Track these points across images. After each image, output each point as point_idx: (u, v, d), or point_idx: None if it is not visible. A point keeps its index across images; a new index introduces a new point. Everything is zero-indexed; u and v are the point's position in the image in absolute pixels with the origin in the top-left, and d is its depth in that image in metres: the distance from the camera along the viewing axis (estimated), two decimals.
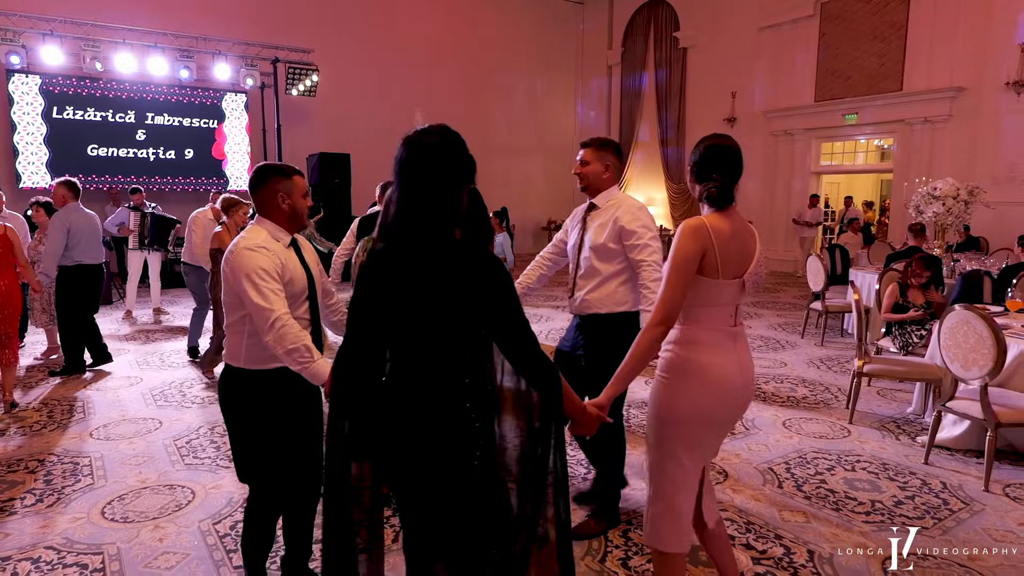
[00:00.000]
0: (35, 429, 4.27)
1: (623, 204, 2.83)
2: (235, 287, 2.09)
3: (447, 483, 1.59)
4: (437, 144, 1.60)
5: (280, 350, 2.04)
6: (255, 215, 2.29)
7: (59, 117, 10.15)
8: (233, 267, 2.09)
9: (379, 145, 12.51)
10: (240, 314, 2.14)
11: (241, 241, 2.14)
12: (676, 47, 14.82)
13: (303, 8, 12.01)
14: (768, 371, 5.71)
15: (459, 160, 1.62)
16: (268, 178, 2.21)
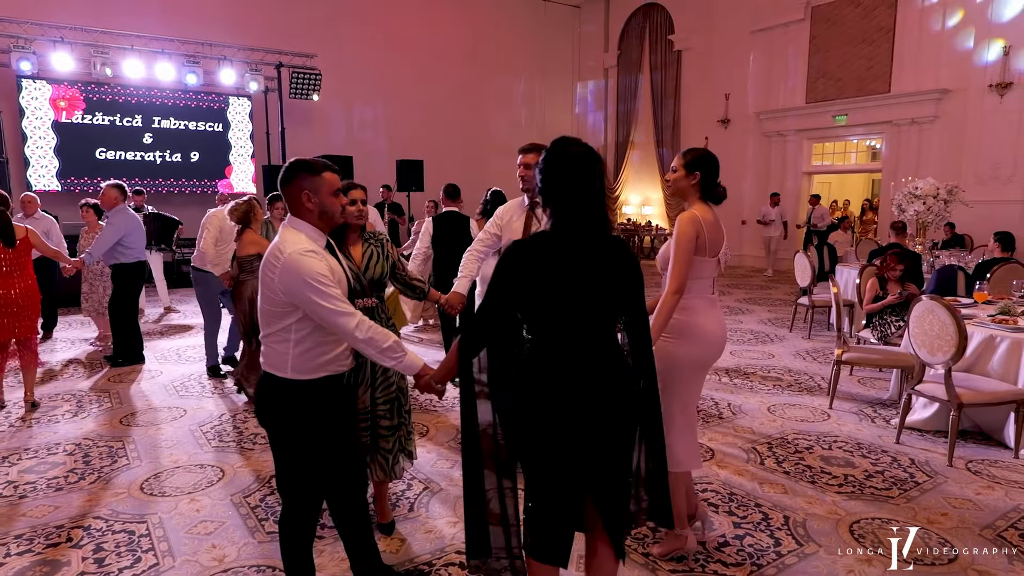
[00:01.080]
0: (66, 418, 4.56)
1: None
2: (293, 297, 2.00)
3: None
4: (585, 154, 1.90)
5: (374, 351, 2.05)
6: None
7: (68, 121, 10.41)
8: (289, 275, 1.97)
9: (381, 147, 12.86)
10: (285, 323, 2.05)
11: (287, 246, 2.00)
12: (671, 50, 15.14)
13: (306, 14, 12.29)
14: (756, 362, 6.01)
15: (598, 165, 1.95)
16: (296, 174, 2.09)
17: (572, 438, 1.86)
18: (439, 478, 3.56)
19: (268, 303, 2.07)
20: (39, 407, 4.79)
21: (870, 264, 5.79)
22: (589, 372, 1.87)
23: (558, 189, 1.87)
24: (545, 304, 1.85)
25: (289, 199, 2.12)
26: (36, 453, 3.92)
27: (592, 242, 1.87)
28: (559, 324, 1.86)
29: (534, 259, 1.85)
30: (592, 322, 1.87)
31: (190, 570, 2.69)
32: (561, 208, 1.86)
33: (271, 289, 2.03)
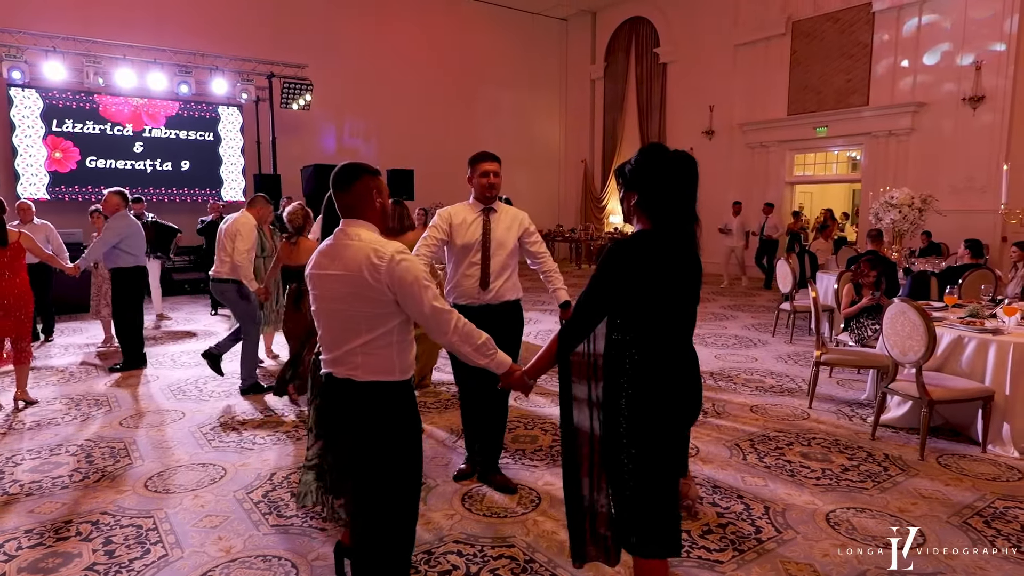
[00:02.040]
0: (66, 420, 4.64)
1: (511, 209, 3.48)
2: (403, 296, 1.97)
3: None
4: (685, 157, 2.04)
5: (468, 347, 2.07)
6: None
7: (59, 130, 10.46)
8: (398, 275, 1.95)
9: (371, 157, 12.98)
10: (390, 326, 2.01)
11: (386, 246, 1.98)
12: (656, 62, 15.45)
13: (298, 25, 12.44)
14: (740, 365, 6.20)
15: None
16: (361, 174, 2.08)
17: (682, 430, 2.05)
18: (435, 474, 3.69)
19: (369, 306, 1.98)
20: (35, 404, 4.94)
21: (847, 270, 6.01)
22: (686, 364, 2.04)
23: (661, 189, 1.98)
24: (656, 300, 1.97)
25: (353, 198, 2.06)
26: (39, 454, 4.00)
27: (686, 241, 2.02)
28: (668, 320, 1.99)
29: (644, 258, 1.95)
30: (690, 317, 2.05)
31: (199, 560, 2.80)
32: (663, 208, 1.98)
33: (373, 291, 1.95)
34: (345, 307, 2.00)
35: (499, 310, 3.39)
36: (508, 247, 3.38)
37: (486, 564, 2.76)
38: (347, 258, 1.99)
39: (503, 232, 3.38)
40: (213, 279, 5.16)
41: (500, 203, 3.46)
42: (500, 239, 3.36)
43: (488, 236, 3.34)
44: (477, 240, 3.33)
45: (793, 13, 12.87)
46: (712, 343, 7.17)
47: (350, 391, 2.02)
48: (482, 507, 3.29)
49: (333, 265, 2.02)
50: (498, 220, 3.40)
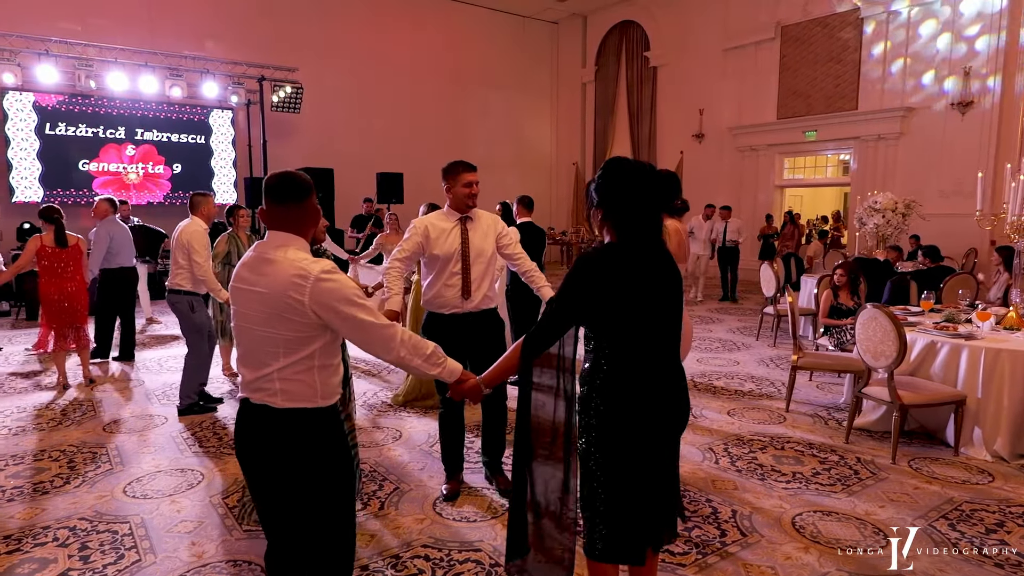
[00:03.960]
0: (51, 425, 4.67)
1: (485, 214, 3.52)
2: (330, 318, 1.84)
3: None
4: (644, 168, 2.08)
5: (419, 359, 1.99)
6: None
7: (52, 133, 10.49)
8: (325, 296, 1.82)
9: (361, 160, 13.02)
10: (310, 349, 1.86)
11: (312, 264, 1.84)
12: (647, 66, 15.52)
13: (288, 27, 12.48)
14: (721, 369, 6.26)
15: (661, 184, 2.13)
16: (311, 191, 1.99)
17: (656, 443, 2.03)
18: (410, 479, 3.73)
19: (290, 328, 1.83)
20: (95, 383, 5.73)
21: (824, 275, 6.08)
22: (664, 376, 2.04)
23: (623, 203, 2.01)
24: (623, 312, 1.98)
25: (301, 213, 1.93)
26: (23, 459, 4.04)
27: (653, 252, 2.04)
28: (636, 330, 1.99)
29: (610, 270, 1.97)
30: (668, 329, 2.05)
31: (171, 566, 2.85)
32: (626, 221, 2.01)
33: (295, 312, 1.81)
34: (263, 328, 1.85)
35: (480, 318, 3.42)
36: (487, 254, 3.41)
37: (451, 568, 2.81)
38: (269, 275, 1.85)
39: (481, 240, 3.40)
40: (168, 290, 4.94)
41: (476, 211, 3.47)
42: (479, 247, 3.39)
43: (467, 245, 3.36)
44: (456, 250, 3.34)
45: (783, 18, 12.96)
46: (696, 347, 7.23)
47: (267, 419, 1.87)
48: (452, 511, 3.33)
49: (254, 280, 1.88)
50: (475, 228, 3.42)
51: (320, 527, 1.90)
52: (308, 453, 1.87)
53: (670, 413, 2.06)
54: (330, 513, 1.91)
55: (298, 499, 1.88)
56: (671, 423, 2.07)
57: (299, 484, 1.87)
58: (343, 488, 1.94)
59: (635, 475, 2.00)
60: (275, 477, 1.89)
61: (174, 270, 4.86)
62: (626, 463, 1.99)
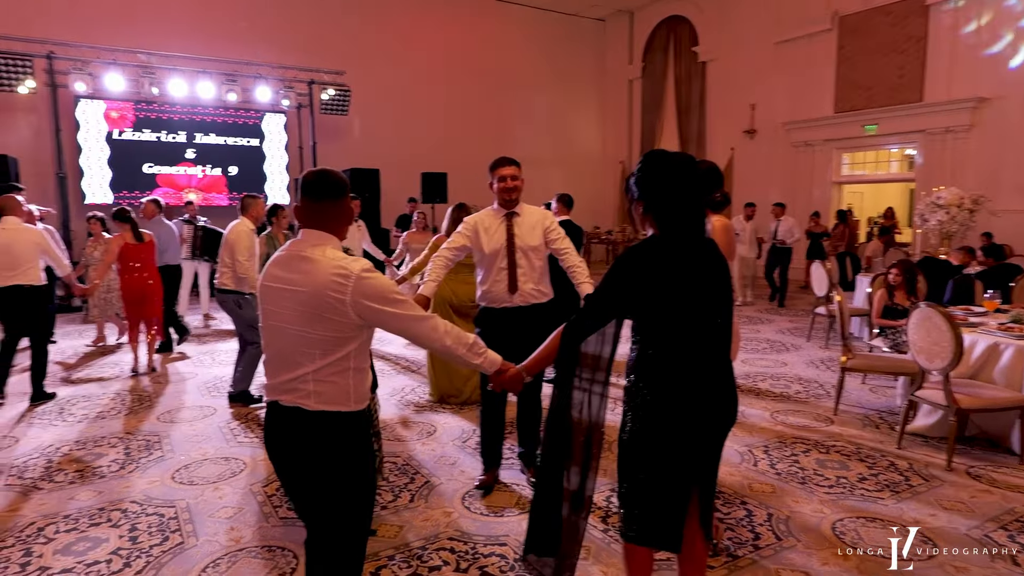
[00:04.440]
0: (112, 414, 4.92)
1: (535, 209, 3.52)
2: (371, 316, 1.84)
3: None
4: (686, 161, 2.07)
5: (463, 348, 2.00)
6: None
7: (119, 139, 11.04)
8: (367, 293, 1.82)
9: (406, 160, 13.22)
10: (346, 350, 1.86)
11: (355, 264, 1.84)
12: (695, 61, 15.22)
13: (337, 32, 12.78)
14: (767, 370, 6.09)
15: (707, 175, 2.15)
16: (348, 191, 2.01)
17: (696, 433, 2.01)
18: (440, 474, 3.77)
19: (328, 328, 1.82)
20: (157, 371, 6.16)
21: (879, 274, 5.83)
22: (710, 371, 2.02)
23: (665, 195, 2.00)
24: (666, 304, 1.97)
25: (337, 211, 1.95)
26: (85, 445, 4.27)
27: (697, 244, 2.02)
28: (680, 323, 1.98)
29: (652, 262, 1.97)
30: (705, 321, 2.02)
31: (210, 549, 2.96)
32: (669, 213, 2.00)
33: (335, 312, 1.80)
34: (299, 328, 1.83)
35: (529, 312, 3.43)
36: (534, 249, 3.40)
37: (475, 561, 2.82)
38: (308, 273, 1.82)
39: (527, 234, 3.40)
40: (216, 288, 5.14)
41: (523, 205, 3.48)
42: (525, 242, 3.39)
43: (512, 241, 3.38)
44: (502, 246, 3.37)
45: (840, 8, 12.47)
46: (741, 347, 7.04)
47: (300, 421, 1.86)
48: (481, 506, 3.35)
49: (290, 279, 1.85)
50: (521, 223, 3.42)
51: (336, 525, 1.92)
52: (336, 456, 1.87)
53: (716, 409, 2.04)
54: (348, 514, 1.92)
55: (321, 497, 1.90)
56: (717, 419, 2.06)
57: (324, 483, 1.88)
58: (363, 491, 1.95)
59: (676, 461, 2.00)
60: (305, 476, 1.91)
61: (220, 269, 5.06)
62: (669, 449, 1.99)
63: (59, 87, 10.32)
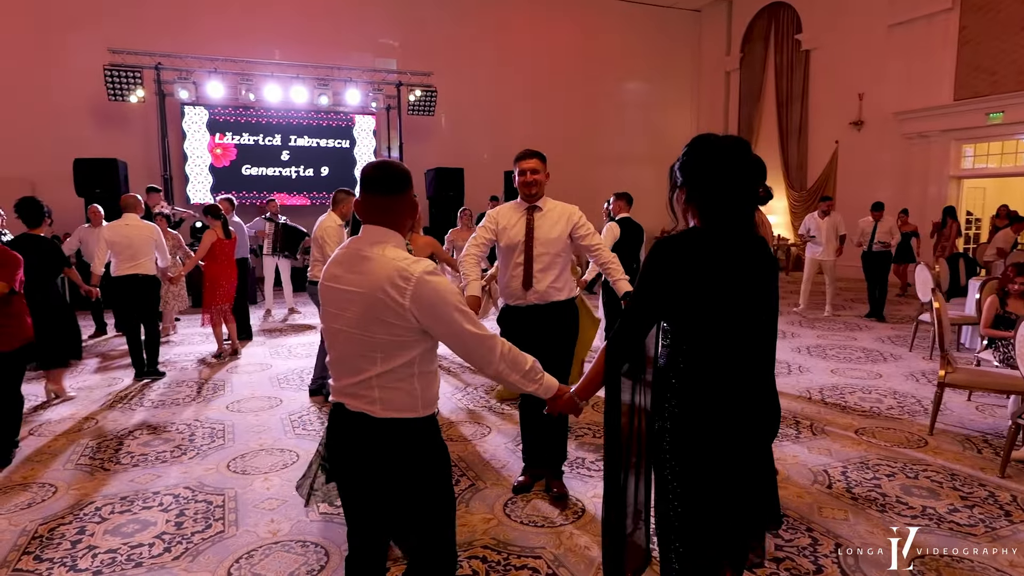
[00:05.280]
0: (186, 401, 5.19)
1: (560, 205, 3.35)
2: (431, 323, 1.73)
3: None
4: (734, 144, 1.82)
5: (517, 375, 1.86)
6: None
7: (221, 142, 11.76)
8: (428, 298, 1.70)
9: (491, 158, 13.26)
10: (410, 355, 1.75)
11: (417, 265, 1.72)
12: (798, 49, 14.32)
13: (425, 34, 13.00)
14: (857, 382, 5.55)
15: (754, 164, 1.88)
16: (410, 183, 1.89)
17: (739, 451, 1.80)
18: (487, 477, 3.67)
19: (388, 331, 1.71)
20: (239, 355, 6.69)
21: (991, 278, 5.16)
22: (750, 378, 1.81)
23: (711, 182, 1.78)
24: (704, 304, 1.76)
25: (399, 205, 1.83)
26: (155, 430, 4.51)
27: (742, 239, 1.81)
28: (719, 325, 1.78)
29: (689, 256, 1.77)
30: (749, 322, 1.80)
31: (247, 539, 3.00)
32: (714, 202, 1.79)
33: (394, 315, 1.70)
34: (359, 331, 1.73)
35: (546, 311, 3.30)
36: (554, 245, 3.27)
37: (507, 572, 2.69)
38: (367, 273, 1.72)
39: (548, 230, 3.28)
40: (308, 281, 5.34)
41: (548, 200, 3.36)
42: (545, 238, 3.27)
43: (531, 236, 3.26)
44: (520, 240, 3.28)
45: None
46: (833, 356, 6.49)
47: (365, 428, 1.77)
48: (522, 514, 3.21)
49: (348, 280, 1.76)
50: (543, 218, 3.30)
51: (424, 536, 1.83)
52: (411, 465, 1.77)
53: (757, 418, 1.81)
54: (433, 522, 1.83)
55: (401, 510, 1.80)
56: (758, 430, 1.82)
57: (402, 496, 1.78)
58: (445, 498, 1.86)
59: (714, 486, 1.77)
60: (374, 488, 1.80)
61: (312, 263, 5.25)
62: (704, 473, 1.77)
63: (166, 96, 11.12)
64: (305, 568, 2.76)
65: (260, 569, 2.77)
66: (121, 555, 2.89)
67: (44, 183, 10.27)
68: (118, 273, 5.75)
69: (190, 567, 2.80)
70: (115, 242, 5.69)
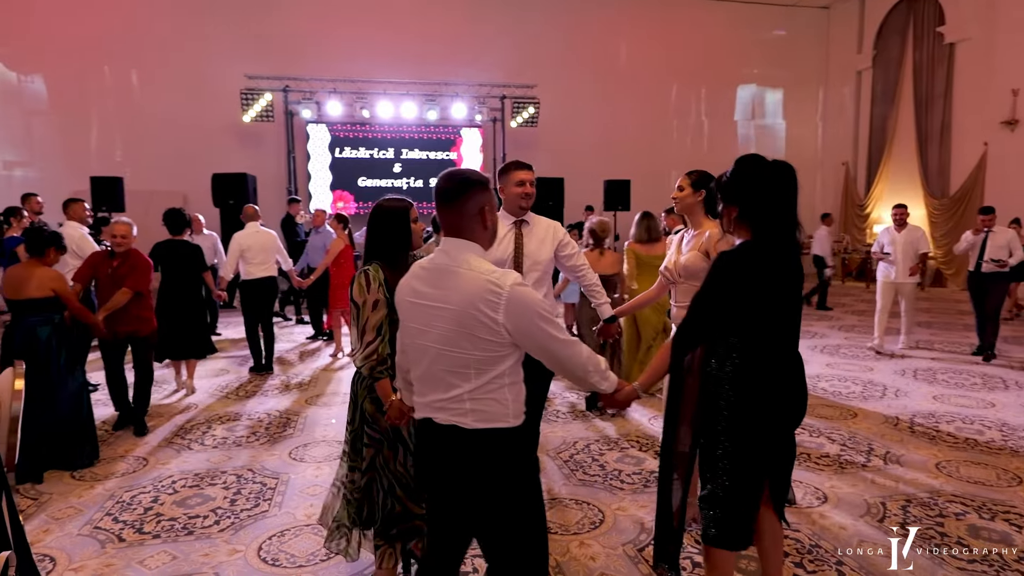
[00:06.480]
0: (275, 393, 5.69)
1: (544, 220, 3.25)
2: (522, 334, 1.71)
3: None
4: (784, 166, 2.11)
5: (596, 376, 1.86)
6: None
7: (340, 156, 12.72)
8: (519, 310, 1.68)
9: (592, 168, 13.22)
10: (502, 368, 1.74)
11: (507, 277, 1.70)
12: (940, 43, 13.00)
13: (528, 48, 13.26)
14: (960, 411, 4.97)
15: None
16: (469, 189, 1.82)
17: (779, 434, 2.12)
18: None
19: (481, 348, 1.70)
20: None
21: None
22: (791, 369, 2.11)
23: (763, 202, 2.05)
24: (763, 309, 2.04)
25: (458, 216, 1.78)
26: (238, 419, 5.00)
27: (792, 250, 2.09)
28: (771, 327, 2.07)
29: (752, 269, 2.04)
30: (794, 323, 2.13)
31: (283, 520, 3.28)
32: (768, 219, 2.05)
33: (487, 330, 1.68)
34: (449, 348, 1.71)
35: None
36: (543, 263, 3.16)
37: None
38: (454, 288, 1.70)
39: (536, 246, 3.14)
40: None
41: (531, 214, 3.19)
42: (533, 254, 3.12)
43: (520, 251, 3.11)
44: (509, 256, 3.11)
45: None
46: (942, 380, 5.85)
47: (457, 440, 1.74)
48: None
49: (433, 296, 1.74)
50: (531, 233, 3.15)
51: (515, 545, 1.79)
52: (503, 475, 1.75)
53: (796, 405, 2.13)
54: (524, 532, 1.79)
55: (493, 521, 1.78)
56: (794, 415, 2.14)
57: (494, 506, 1.76)
58: (536, 507, 1.84)
59: (758, 463, 2.09)
60: (465, 499, 1.79)
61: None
62: (752, 452, 2.06)
63: (292, 115, 12.20)
64: (324, 551, 2.97)
65: (287, 548, 3.03)
66: (179, 523, 3.27)
67: (194, 195, 11.62)
68: (249, 277, 6.32)
69: (230, 539, 3.11)
70: (249, 246, 6.31)
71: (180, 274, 5.50)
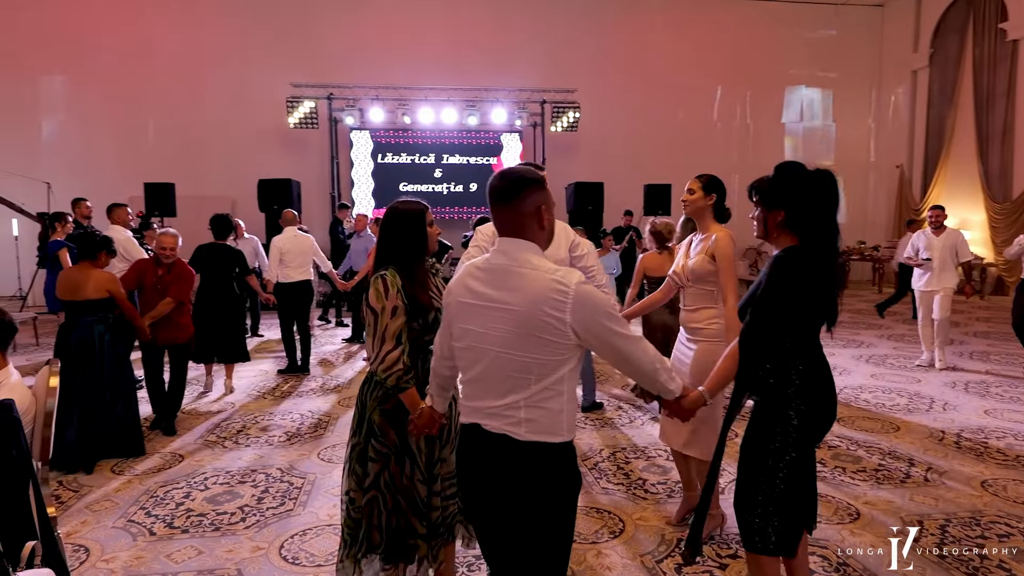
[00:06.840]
0: (313, 395, 5.81)
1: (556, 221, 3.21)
2: (591, 333, 1.66)
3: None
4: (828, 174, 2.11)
5: (664, 374, 1.80)
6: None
7: (382, 162, 12.94)
8: (589, 308, 1.64)
9: (630, 173, 13.09)
10: (561, 373, 1.69)
11: (572, 275, 1.67)
12: (1003, 40, 12.41)
13: (568, 53, 13.24)
14: (1014, 427, 4.71)
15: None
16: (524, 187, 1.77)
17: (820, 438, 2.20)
18: None
19: (545, 351, 1.64)
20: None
21: None
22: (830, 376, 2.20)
23: (811, 209, 2.07)
24: (816, 314, 2.09)
25: (514, 214, 1.73)
26: (272, 417, 5.12)
27: (833, 255, 2.12)
28: (818, 331, 2.14)
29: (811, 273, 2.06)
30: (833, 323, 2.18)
31: (306, 520, 3.34)
32: (814, 226, 2.07)
33: (553, 332, 1.63)
34: (511, 351, 1.65)
35: None
36: (560, 261, 3.20)
37: None
38: (518, 288, 1.65)
39: (553, 248, 3.13)
40: None
41: None
42: (551, 254, 3.09)
43: None
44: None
45: None
46: (996, 394, 5.56)
47: (507, 451, 1.68)
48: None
49: (494, 297, 1.68)
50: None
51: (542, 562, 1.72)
52: (547, 492, 1.68)
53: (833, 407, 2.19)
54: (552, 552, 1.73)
55: (526, 534, 1.70)
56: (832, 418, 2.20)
57: (530, 522, 1.69)
58: (567, 528, 1.76)
59: (811, 470, 2.15)
60: (507, 510, 1.71)
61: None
62: (808, 459, 2.12)
63: (336, 122, 12.48)
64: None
65: (307, 547, 3.08)
66: (207, 519, 3.37)
67: (242, 200, 11.99)
68: (286, 280, 6.50)
69: (254, 536, 3.19)
70: (288, 250, 6.51)
71: (219, 277, 5.68)
